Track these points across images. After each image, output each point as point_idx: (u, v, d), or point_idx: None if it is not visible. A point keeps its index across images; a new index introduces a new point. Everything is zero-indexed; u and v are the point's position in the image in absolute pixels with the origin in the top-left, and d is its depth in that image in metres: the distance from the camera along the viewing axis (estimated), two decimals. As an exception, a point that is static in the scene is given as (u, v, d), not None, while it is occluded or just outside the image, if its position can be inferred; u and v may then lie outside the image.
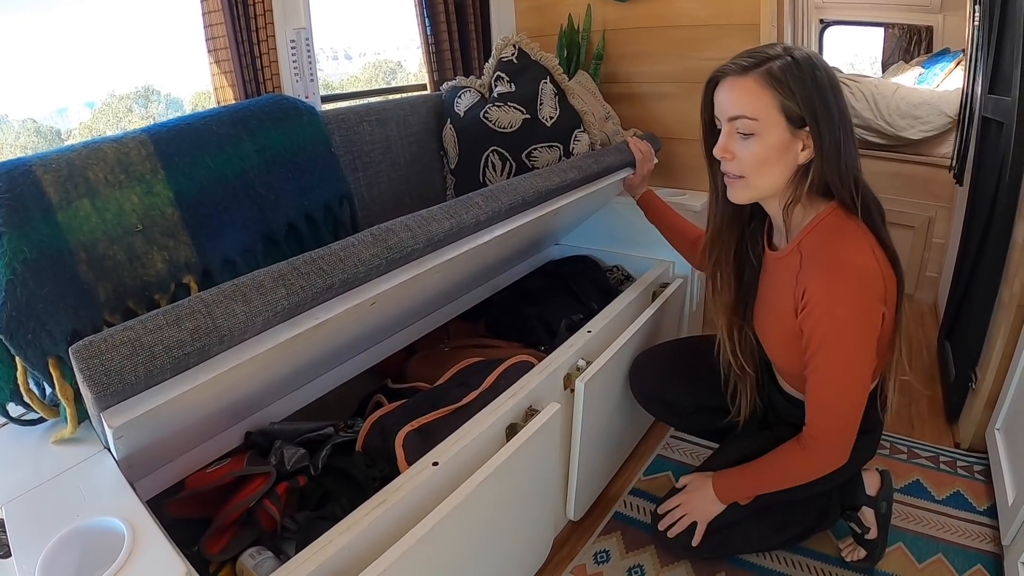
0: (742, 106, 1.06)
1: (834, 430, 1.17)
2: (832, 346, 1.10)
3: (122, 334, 0.71)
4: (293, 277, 0.88)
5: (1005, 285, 1.68)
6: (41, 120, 1.69)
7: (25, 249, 0.97)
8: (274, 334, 0.88)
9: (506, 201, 1.26)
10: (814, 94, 1.02)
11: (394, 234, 1.03)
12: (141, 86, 1.91)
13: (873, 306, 1.07)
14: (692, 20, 2.07)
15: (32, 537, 0.75)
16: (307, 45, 1.68)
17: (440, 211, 1.14)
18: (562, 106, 1.76)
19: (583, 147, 1.77)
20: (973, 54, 2.26)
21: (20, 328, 0.94)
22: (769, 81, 1.03)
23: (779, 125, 1.05)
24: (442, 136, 1.82)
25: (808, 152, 1.07)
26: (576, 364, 1.47)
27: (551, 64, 1.76)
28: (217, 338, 0.78)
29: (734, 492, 1.35)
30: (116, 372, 0.69)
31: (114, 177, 1.11)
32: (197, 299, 0.77)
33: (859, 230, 1.09)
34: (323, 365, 1.38)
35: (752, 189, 1.13)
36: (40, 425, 1.04)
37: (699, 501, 1.39)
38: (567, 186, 1.47)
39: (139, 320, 0.74)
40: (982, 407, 1.74)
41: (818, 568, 1.44)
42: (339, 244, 0.97)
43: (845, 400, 1.15)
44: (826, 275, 1.07)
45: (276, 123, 1.35)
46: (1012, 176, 1.61)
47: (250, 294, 0.81)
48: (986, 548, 1.47)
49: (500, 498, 1.20)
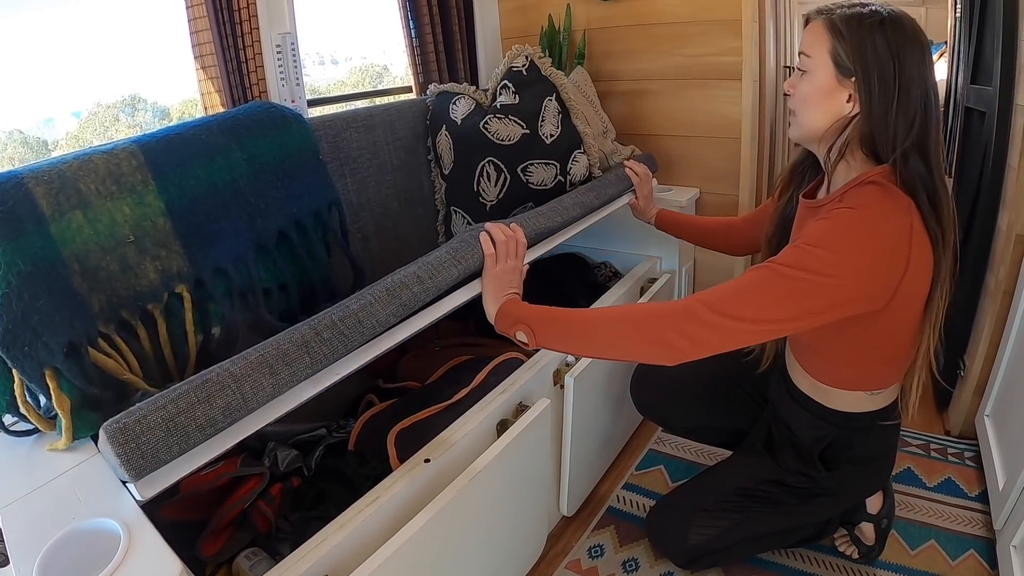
0: (804, 43, 1.09)
1: (720, 306, 1.00)
2: (806, 253, 0.99)
3: (156, 414, 0.74)
4: (316, 344, 0.91)
5: (991, 272, 1.70)
6: (28, 131, 1.69)
7: (19, 262, 0.97)
8: (296, 393, 0.92)
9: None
10: (867, 46, 1.00)
11: (407, 288, 1.06)
12: (128, 95, 1.90)
13: (872, 273, 0.98)
14: (674, 17, 2.08)
15: (29, 542, 0.76)
16: (292, 49, 1.69)
17: (448, 256, 1.16)
18: (564, 125, 1.75)
19: (581, 168, 1.77)
20: (955, 46, 2.28)
21: (16, 341, 0.95)
22: (829, 26, 1.04)
23: (827, 68, 1.05)
24: (436, 141, 1.82)
25: (853, 104, 1.04)
26: (565, 360, 1.48)
27: (560, 82, 1.75)
28: (246, 411, 0.83)
29: (519, 322, 1.14)
30: (151, 453, 0.73)
31: (105, 188, 1.12)
32: (226, 373, 0.80)
33: (905, 200, 1.01)
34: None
35: (798, 126, 1.13)
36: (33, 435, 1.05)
37: (489, 287, 1.23)
38: (570, 222, 1.51)
39: (171, 399, 0.76)
40: (971, 394, 1.76)
41: (812, 558, 1.46)
42: (356, 304, 0.99)
43: (760, 295, 1.00)
44: (853, 210, 1.00)
45: (264, 131, 1.36)
46: (995, 164, 1.63)
47: (276, 365, 0.85)
48: (978, 533, 1.48)
49: (492, 494, 1.22)
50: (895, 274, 0.99)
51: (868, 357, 1.16)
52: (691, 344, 1.01)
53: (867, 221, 0.99)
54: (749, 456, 1.41)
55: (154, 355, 1.17)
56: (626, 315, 1.08)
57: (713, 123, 2.12)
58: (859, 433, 1.26)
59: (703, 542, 1.35)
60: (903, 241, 0.99)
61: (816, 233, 1.00)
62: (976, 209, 1.77)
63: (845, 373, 1.21)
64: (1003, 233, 1.62)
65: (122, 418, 0.73)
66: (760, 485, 1.36)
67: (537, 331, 1.12)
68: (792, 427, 1.34)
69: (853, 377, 1.20)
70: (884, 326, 1.07)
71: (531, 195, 1.74)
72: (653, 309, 1.06)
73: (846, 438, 1.26)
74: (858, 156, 1.08)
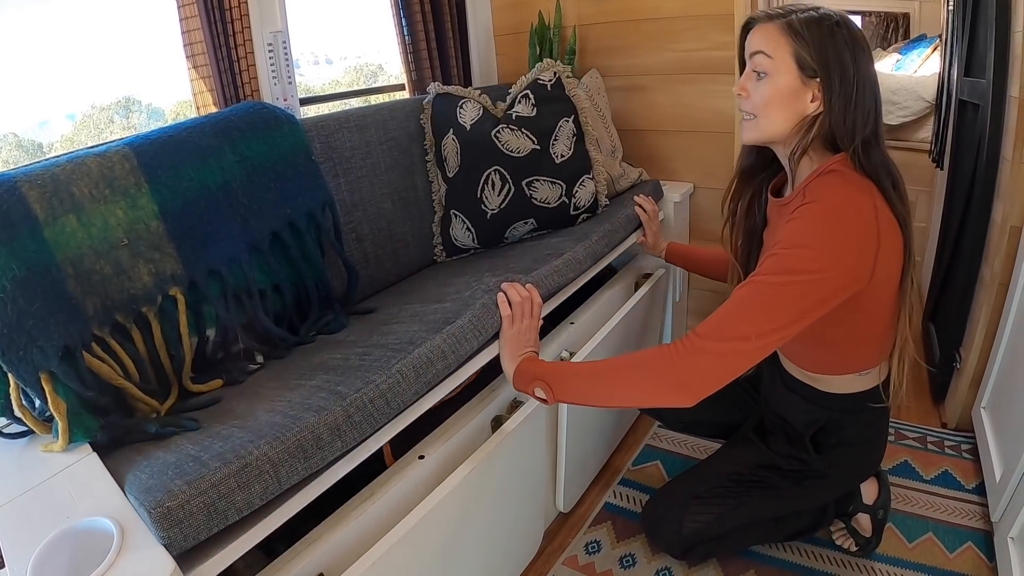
0: (761, 44, 1.10)
1: (725, 336, 1.03)
2: (787, 258, 1.03)
3: (198, 500, 0.78)
4: (347, 428, 0.95)
5: (986, 264, 1.70)
6: (22, 134, 1.69)
7: (14, 267, 0.98)
8: (332, 473, 0.97)
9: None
10: (828, 47, 1.05)
11: (432, 366, 1.10)
12: (122, 96, 1.91)
13: (851, 257, 1.02)
14: (665, 12, 2.08)
15: (23, 541, 0.77)
16: (284, 48, 1.70)
17: (470, 327, 1.20)
18: (577, 148, 1.76)
19: (587, 193, 1.78)
20: (949, 39, 2.28)
21: (12, 345, 0.96)
22: (788, 30, 1.07)
23: (791, 71, 1.08)
24: (441, 144, 1.81)
25: (817, 104, 1.09)
26: (560, 355, 1.49)
27: (581, 104, 1.76)
28: (281, 494, 0.88)
29: (536, 379, 1.17)
30: (193, 536, 0.78)
31: (99, 192, 1.13)
32: (265, 459, 0.85)
33: (865, 183, 1.07)
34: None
35: (759, 130, 1.15)
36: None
37: (506, 347, 1.26)
38: (582, 273, 1.58)
39: (212, 483, 0.80)
40: (967, 387, 1.76)
41: (810, 552, 1.46)
42: (385, 382, 1.03)
43: (759, 312, 1.02)
44: (819, 204, 1.05)
45: (257, 133, 1.37)
46: (989, 156, 1.63)
47: (310, 450, 0.89)
48: (976, 525, 1.48)
49: (488, 490, 1.23)
50: (870, 252, 1.03)
51: (853, 339, 1.19)
52: (703, 380, 1.04)
53: (834, 210, 1.03)
54: (741, 443, 1.43)
55: (149, 357, 1.18)
56: (636, 362, 1.10)
57: (706, 118, 2.12)
58: (850, 415, 1.28)
59: (697, 529, 1.36)
60: (870, 220, 1.03)
61: (789, 236, 1.05)
62: (971, 201, 1.78)
63: (834, 359, 1.24)
64: (998, 225, 1.62)
65: (165, 500, 0.77)
66: (752, 470, 1.37)
67: (555, 387, 1.14)
68: (785, 415, 1.36)
69: (842, 361, 1.23)
70: (865, 306, 1.10)
71: (533, 210, 1.75)
72: (661, 352, 1.07)
73: (837, 420, 1.29)
74: (818, 149, 1.13)
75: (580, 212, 1.79)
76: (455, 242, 1.83)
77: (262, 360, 1.33)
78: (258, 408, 1.03)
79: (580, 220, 1.81)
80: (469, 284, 1.40)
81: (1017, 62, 1.51)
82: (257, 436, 0.89)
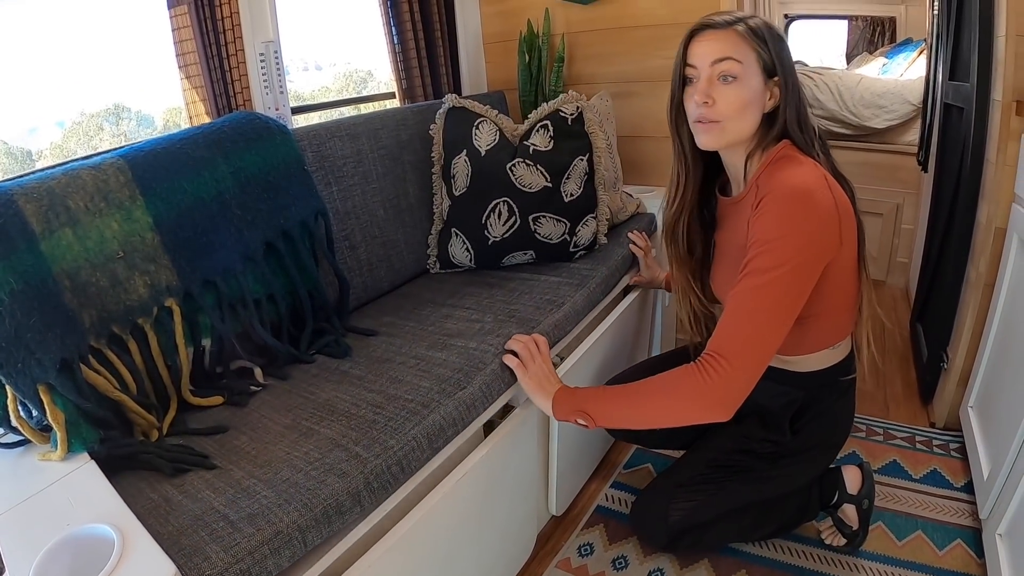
0: (728, 50, 1.13)
1: (745, 347, 1.09)
2: (770, 252, 1.08)
3: (235, 567, 0.80)
4: (367, 494, 0.98)
5: (972, 265, 1.72)
6: (11, 141, 1.68)
7: (11, 280, 0.99)
8: (352, 536, 1.00)
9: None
10: (781, 47, 1.15)
11: (443, 433, 1.14)
12: (112, 104, 1.90)
13: (824, 228, 1.09)
14: (654, 20, 2.10)
15: (24, 549, 0.78)
16: (276, 58, 1.71)
17: (480, 394, 1.23)
18: (586, 187, 1.77)
19: (588, 233, 1.80)
20: (934, 43, 2.30)
21: (10, 358, 0.97)
22: (749, 34, 1.13)
23: (756, 73, 1.14)
24: (451, 162, 1.81)
25: (774, 101, 1.17)
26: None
27: (597, 144, 1.76)
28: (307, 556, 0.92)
29: (577, 411, 1.23)
30: None
31: (94, 205, 1.14)
32: (295, 527, 0.88)
33: (809, 160, 1.15)
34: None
35: (725, 134, 1.17)
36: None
37: (533, 389, 1.30)
38: (582, 317, 1.62)
39: (247, 550, 0.83)
40: (955, 386, 1.78)
41: (799, 551, 1.47)
42: (401, 449, 1.05)
43: (765, 313, 1.09)
44: (779, 191, 1.10)
45: (249, 144, 1.38)
46: (974, 158, 1.66)
47: (332, 517, 0.92)
48: (965, 523, 1.50)
49: (481, 494, 1.24)
50: (834, 220, 1.10)
51: (830, 309, 1.22)
52: (739, 393, 1.11)
53: (796, 192, 1.09)
54: (718, 432, 1.45)
55: (146, 369, 1.19)
56: (669, 386, 1.15)
57: (696, 123, 2.13)
58: (824, 390, 1.34)
59: (682, 518, 1.39)
60: (826, 192, 1.10)
61: (763, 231, 1.10)
62: (956, 203, 1.80)
63: (810, 336, 1.27)
64: (983, 226, 1.64)
65: (205, 568, 0.79)
66: (729, 456, 1.40)
67: (595, 416, 1.21)
68: (759, 400, 1.35)
69: (817, 336, 1.28)
70: (835, 272, 1.16)
71: (535, 244, 1.76)
72: (690, 376, 1.12)
73: (815, 396, 1.34)
74: (767, 144, 1.20)
75: (579, 250, 1.82)
76: (452, 259, 1.84)
77: (262, 379, 1.33)
78: (272, 453, 1.05)
79: (577, 256, 1.83)
80: (473, 329, 1.43)
81: (1000, 66, 1.54)
82: (284, 499, 0.91)
